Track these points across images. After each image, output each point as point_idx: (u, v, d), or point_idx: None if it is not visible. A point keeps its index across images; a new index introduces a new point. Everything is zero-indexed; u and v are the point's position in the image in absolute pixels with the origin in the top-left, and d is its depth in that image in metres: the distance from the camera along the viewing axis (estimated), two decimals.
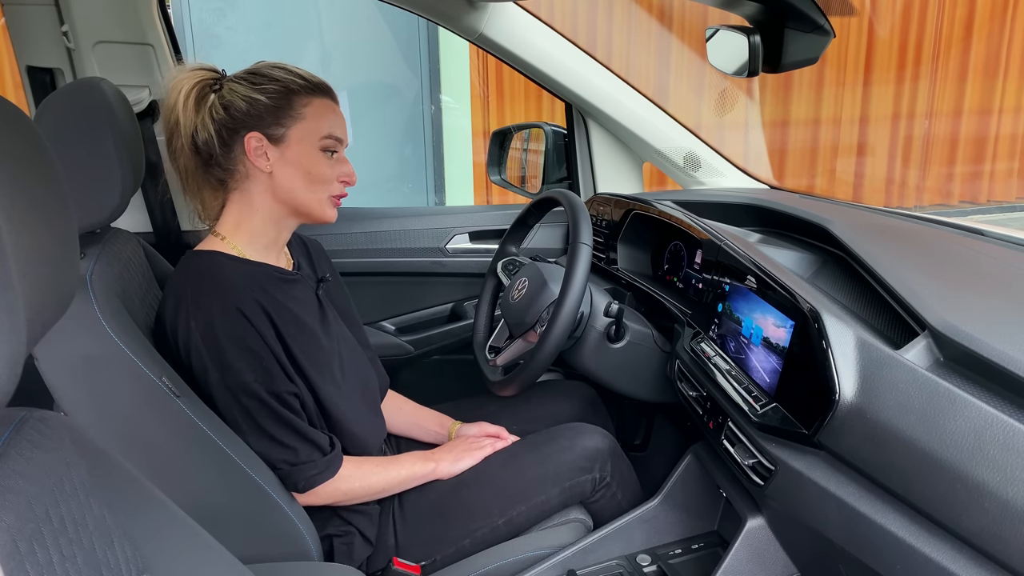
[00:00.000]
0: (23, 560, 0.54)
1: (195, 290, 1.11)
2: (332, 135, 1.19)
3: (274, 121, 1.16)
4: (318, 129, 1.18)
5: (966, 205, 6.34)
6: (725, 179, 1.92)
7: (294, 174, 1.18)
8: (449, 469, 1.32)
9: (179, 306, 1.11)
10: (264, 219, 1.21)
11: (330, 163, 1.20)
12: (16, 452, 0.59)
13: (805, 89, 5.84)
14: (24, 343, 0.51)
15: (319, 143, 1.18)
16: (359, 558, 1.23)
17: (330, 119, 1.19)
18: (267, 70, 1.18)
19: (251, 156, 1.16)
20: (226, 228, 1.21)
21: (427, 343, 1.96)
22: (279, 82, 1.17)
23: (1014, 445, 0.70)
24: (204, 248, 1.19)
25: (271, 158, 1.17)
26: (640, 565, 1.27)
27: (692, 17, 5.45)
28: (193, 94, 1.17)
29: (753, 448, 1.06)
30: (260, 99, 1.15)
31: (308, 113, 1.17)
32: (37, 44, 1.55)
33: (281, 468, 1.13)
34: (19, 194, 0.53)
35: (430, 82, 5.07)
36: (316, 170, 1.18)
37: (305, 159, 1.18)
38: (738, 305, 1.19)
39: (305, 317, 1.21)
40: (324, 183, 1.20)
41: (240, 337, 1.09)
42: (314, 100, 1.18)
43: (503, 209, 2.05)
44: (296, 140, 1.17)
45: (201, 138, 1.17)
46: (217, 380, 1.10)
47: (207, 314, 1.09)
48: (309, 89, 1.18)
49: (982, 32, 5.92)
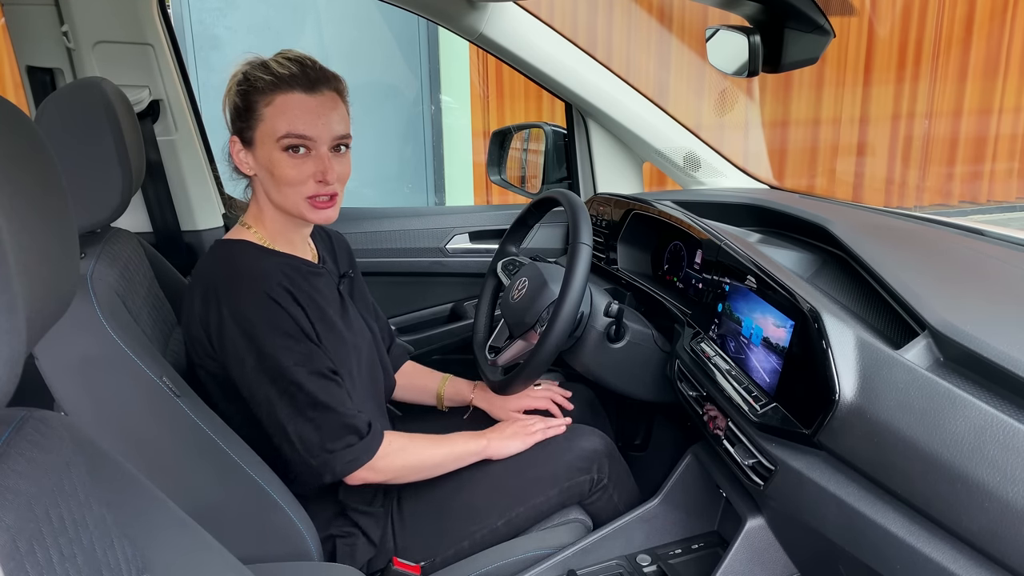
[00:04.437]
0: (23, 560, 0.54)
1: (225, 277, 1.11)
2: (291, 133, 1.10)
3: (245, 124, 1.14)
4: (275, 129, 1.11)
5: (966, 205, 6.34)
6: (725, 179, 1.92)
7: (265, 176, 1.16)
8: (499, 449, 1.30)
9: (209, 294, 1.11)
10: (273, 217, 1.21)
11: (294, 163, 1.12)
12: (16, 452, 0.59)
13: (805, 89, 5.83)
14: (24, 343, 0.51)
15: (279, 144, 1.11)
16: (361, 559, 1.23)
17: (289, 116, 1.10)
18: (246, 67, 1.15)
19: (236, 160, 1.17)
20: (250, 219, 1.22)
21: (427, 343, 1.96)
22: (248, 82, 1.13)
23: (1014, 445, 0.70)
24: (233, 237, 1.20)
25: (249, 161, 1.17)
26: (640, 565, 1.27)
27: (692, 17, 5.45)
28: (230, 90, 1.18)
29: (753, 448, 1.06)
30: (236, 101, 1.15)
31: (267, 113, 1.12)
32: (37, 44, 1.55)
33: (319, 456, 1.10)
34: (19, 194, 0.53)
35: (430, 82, 5.07)
36: (278, 172, 1.12)
37: (268, 161, 1.13)
38: (738, 305, 1.19)
39: (328, 309, 1.21)
40: (290, 185, 1.13)
41: (274, 322, 1.09)
42: (276, 97, 1.11)
43: (503, 209, 2.05)
44: (260, 142, 1.14)
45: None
46: (254, 366, 1.09)
47: (240, 301, 1.09)
48: (272, 85, 1.11)
49: (982, 32, 5.92)
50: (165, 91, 1.66)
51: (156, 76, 1.64)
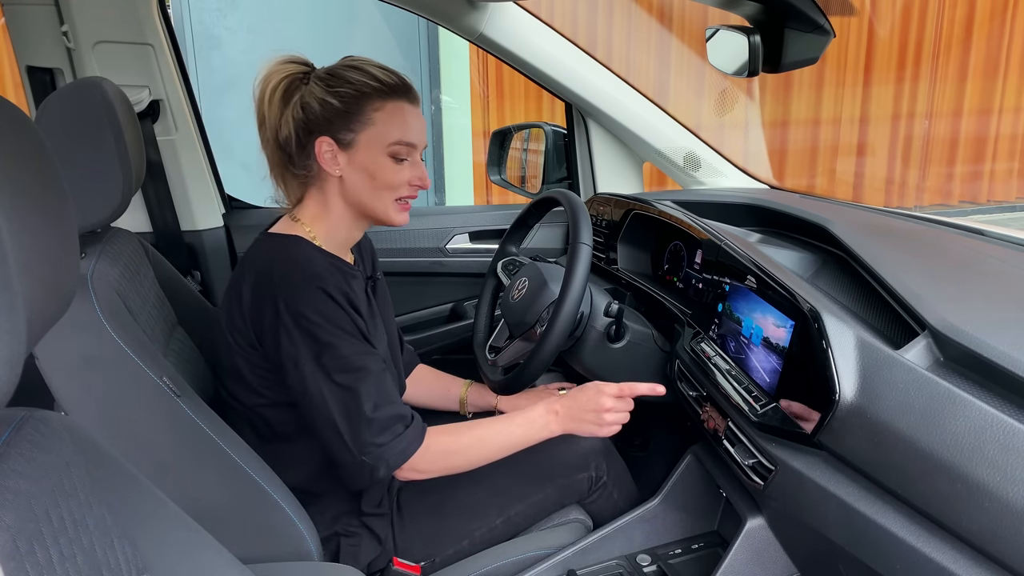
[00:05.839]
0: (23, 560, 0.54)
1: (282, 271, 1.11)
2: (402, 141, 1.16)
3: (344, 126, 1.15)
4: (386, 135, 1.15)
5: (966, 205, 6.34)
6: (725, 179, 1.92)
7: (361, 179, 1.17)
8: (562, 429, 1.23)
9: (263, 286, 1.11)
10: (338, 219, 1.21)
11: (397, 168, 1.17)
12: (16, 452, 0.59)
13: (805, 89, 5.84)
14: (24, 343, 0.51)
15: (387, 149, 1.16)
16: (365, 559, 1.22)
17: (401, 124, 1.16)
18: (344, 71, 1.16)
19: (321, 160, 1.16)
20: (306, 216, 1.21)
21: (427, 343, 1.96)
22: (352, 85, 1.14)
23: (1014, 445, 0.70)
24: (284, 231, 1.20)
25: (340, 162, 1.17)
26: (640, 565, 1.27)
27: (692, 17, 5.45)
28: (280, 88, 1.16)
29: (753, 448, 1.06)
30: (333, 103, 1.14)
31: (378, 119, 1.15)
32: (37, 44, 1.55)
33: (372, 452, 1.09)
34: (19, 194, 0.53)
35: (430, 82, 5.07)
36: (382, 176, 1.16)
37: (372, 164, 1.16)
38: (738, 305, 1.19)
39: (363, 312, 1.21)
40: (391, 188, 1.18)
41: (332, 317, 1.09)
42: (387, 104, 1.15)
43: (503, 209, 2.05)
44: (364, 145, 1.16)
45: (283, 136, 1.17)
46: (310, 359, 1.08)
47: (298, 297, 1.08)
48: (383, 92, 1.15)
49: (982, 32, 5.92)
50: (165, 91, 1.66)
51: (156, 76, 1.64)
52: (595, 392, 1.21)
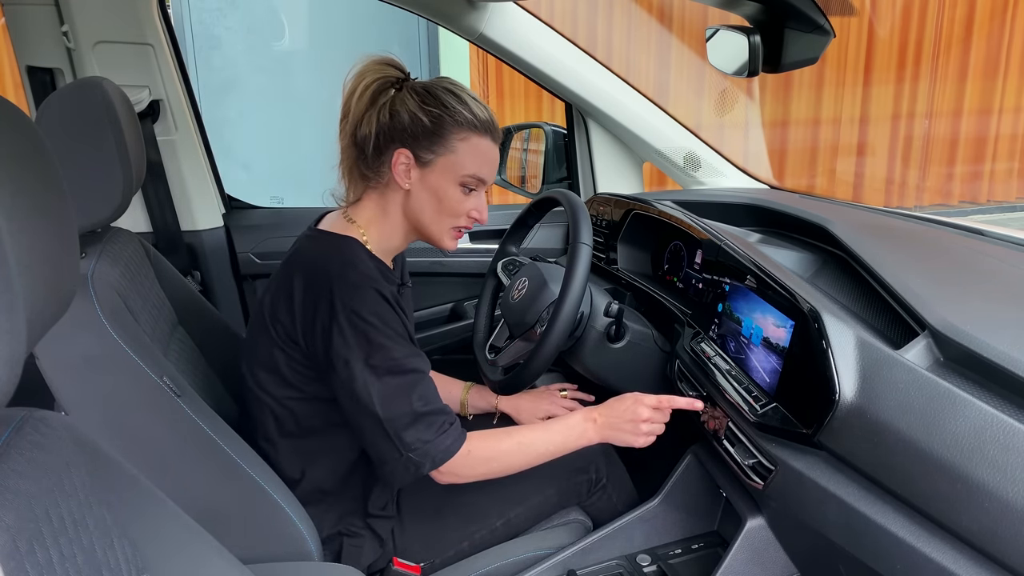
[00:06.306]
0: (23, 560, 0.54)
1: (340, 271, 1.11)
2: (476, 175, 1.18)
3: (427, 146, 1.16)
4: (464, 166, 1.17)
5: (966, 205, 6.34)
6: (725, 179, 1.92)
7: (428, 199, 1.19)
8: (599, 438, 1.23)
9: (319, 284, 1.11)
10: (393, 228, 1.22)
11: (463, 199, 1.19)
12: (16, 452, 0.59)
13: (805, 89, 5.84)
14: (24, 343, 0.51)
15: (460, 179, 1.18)
16: (366, 560, 1.22)
17: (480, 160, 1.18)
18: (441, 92, 1.17)
19: (394, 169, 1.17)
20: (361, 218, 1.22)
21: (427, 343, 1.96)
22: (446, 108, 1.15)
23: (1014, 445, 0.70)
24: (338, 231, 1.20)
25: (412, 177, 1.18)
26: (640, 565, 1.27)
27: (692, 17, 5.45)
28: (372, 88, 1.16)
29: (753, 448, 1.06)
30: (423, 120, 1.14)
31: (460, 148, 1.16)
32: (37, 44, 1.55)
33: (419, 449, 1.09)
34: (19, 194, 0.53)
35: None
36: (448, 202, 1.19)
37: (442, 189, 1.18)
38: (738, 305, 1.19)
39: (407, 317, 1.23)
40: (452, 215, 1.20)
41: (386, 319, 1.10)
42: (472, 137, 1.17)
43: (503, 209, 2.05)
44: (440, 169, 1.17)
45: (362, 133, 1.17)
46: (361, 359, 1.08)
47: (355, 295, 1.09)
48: (471, 125, 1.17)
49: (982, 32, 5.92)
50: (165, 91, 1.67)
51: (156, 76, 1.64)
52: (633, 402, 1.22)
